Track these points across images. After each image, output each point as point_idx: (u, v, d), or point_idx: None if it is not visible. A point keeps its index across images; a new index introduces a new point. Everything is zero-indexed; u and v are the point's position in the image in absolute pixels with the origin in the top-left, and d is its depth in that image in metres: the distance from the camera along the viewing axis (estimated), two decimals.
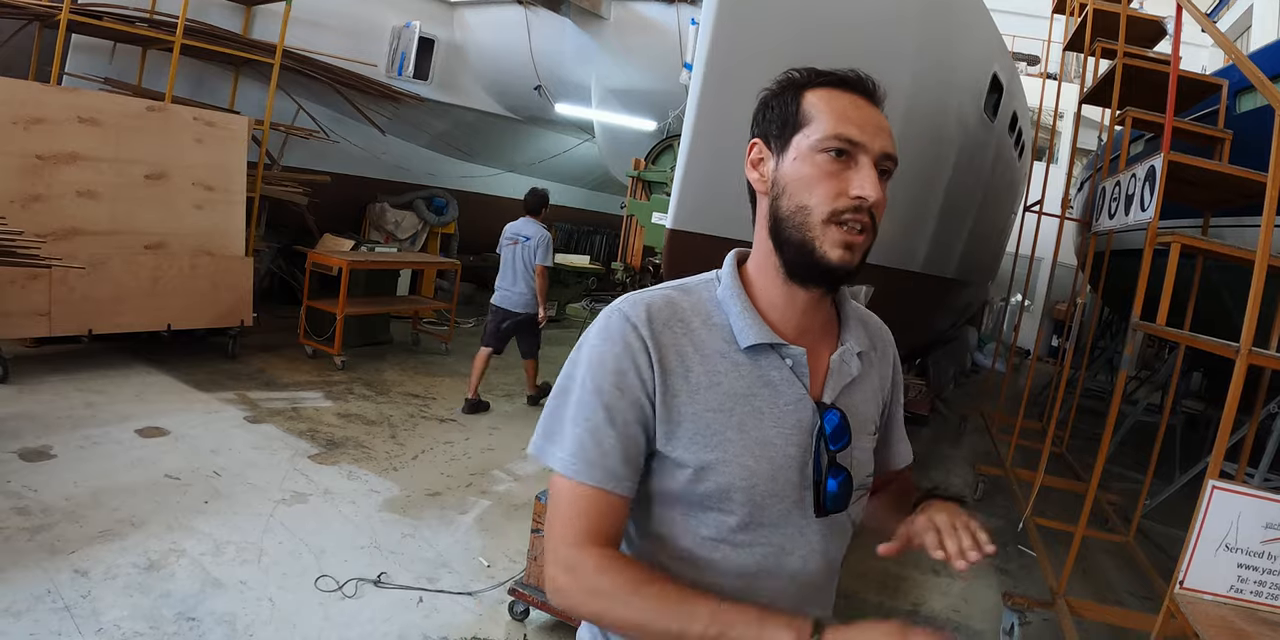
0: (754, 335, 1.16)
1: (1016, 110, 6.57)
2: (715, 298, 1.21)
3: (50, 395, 5.40)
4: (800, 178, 1.14)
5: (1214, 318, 4.80)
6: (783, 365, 1.18)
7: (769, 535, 1.17)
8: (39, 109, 5.76)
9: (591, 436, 1.11)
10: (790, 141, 1.16)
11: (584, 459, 1.11)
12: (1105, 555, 5.10)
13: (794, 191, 1.15)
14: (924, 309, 6.28)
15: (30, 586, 3.16)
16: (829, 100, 1.16)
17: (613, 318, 1.16)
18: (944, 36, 4.70)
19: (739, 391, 1.15)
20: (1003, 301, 13.50)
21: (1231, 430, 2.91)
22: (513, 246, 6.55)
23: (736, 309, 1.18)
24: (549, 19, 8.78)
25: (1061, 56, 8.44)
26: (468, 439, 5.83)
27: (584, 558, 1.07)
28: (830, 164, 1.13)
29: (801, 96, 1.18)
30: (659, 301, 1.18)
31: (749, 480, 1.14)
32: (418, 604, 3.49)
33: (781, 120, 1.18)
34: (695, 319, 1.18)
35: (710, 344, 1.17)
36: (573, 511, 1.11)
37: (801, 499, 1.19)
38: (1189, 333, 3.45)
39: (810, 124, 1.15)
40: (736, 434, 1.14)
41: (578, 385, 1.14)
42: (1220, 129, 4.79)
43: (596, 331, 1.16)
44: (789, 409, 1.17)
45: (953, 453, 7.45)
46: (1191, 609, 2.52)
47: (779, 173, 1.17)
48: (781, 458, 1.16)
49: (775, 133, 1.19)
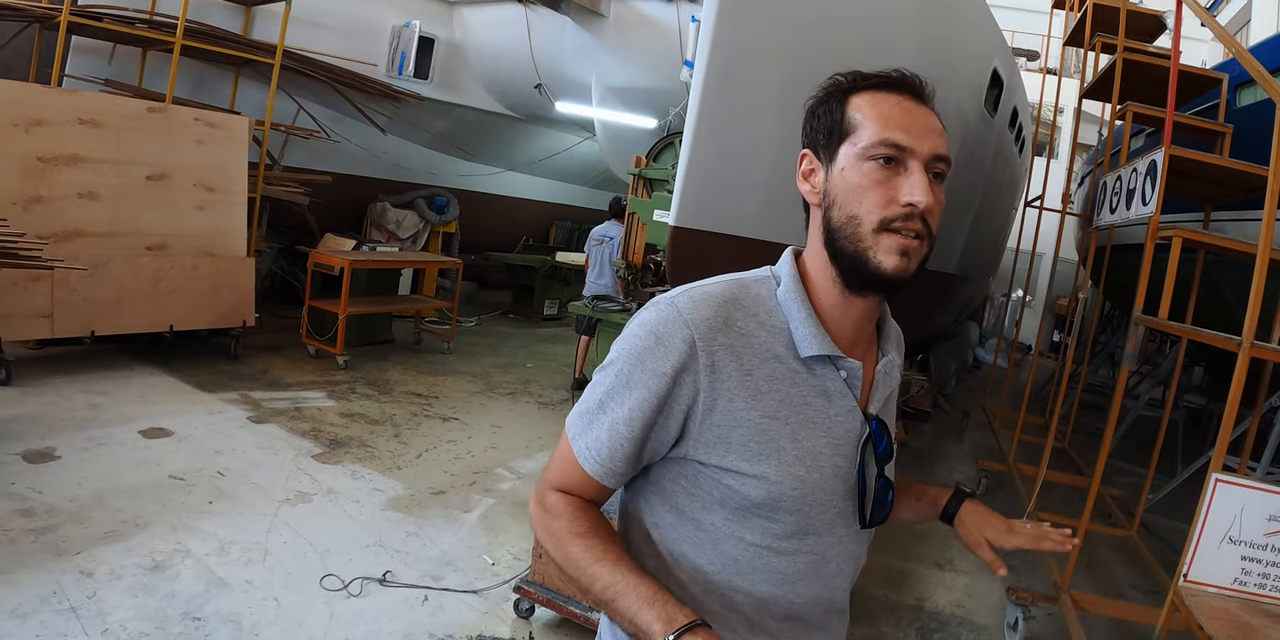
0: (816, 346, 1.13)
1: (1017, 106, 6.56)
2: (774, 297, 1.17)
3: (53, 397, 5.41)
4: (849, 188, 1.11)
5: (1216, 312, 4.81)
6: (838, 377, 1.16)
7: (813, 544, 1.18)
8: (40, 111, 5.76)
9: (610, 437, 1.12)
10: (837, 151, 1.13)
11: (596, 454, 1.14)
12: (1109, 549, 5.10)
13: (844, 202, 1.11)
14: (926, 305, 6.28)
15: (36, 588, 3.17)
16: (874, 104, 1.13)
17: (666, 314, 1.12)
18: (944, 32, 4.69)
19: (795, 400, 1.13)
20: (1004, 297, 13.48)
21: (1234, 424, 2.91)
22: (599, 246, 7.62)
23: (800, 316, 1.14)
24: (549, 17, 8.77)
25: (1062, 51, 8.42)
26: (471, 437, 5.83)
27: (547, 499, 1.18)
28: (878, 172, 1.09)
29: (846, 103, 1.15)
30: (719, 298, 1.13)
31: (799, 490, 1.13)
32: (423, 602, 3.50)
33: (827, 129, 1.15)
34: (753, 320, 1.14)
35: (769, 348, 1.13)
36: (565, 473, 1.18)
37: (845, 509, 1.19)
38: (1191, 327, 3.46)
39: (856, 131, 1.12)
40: (790, 443, 1.12)
41: (615, 373, 1.13)
42: (1221, 123, 4.80)
43: (645, 324, 1.13)
44: (840, 420, 1.16)
45: (955, 448, 7.45)
46: (1196, 602, 2.53)
47: (829, 184, 1.14)
48: (830, 468, 1.15)
49: (823, 142, 1.16)
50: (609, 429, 1.12)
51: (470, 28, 9.98)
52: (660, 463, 1.18)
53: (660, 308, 1.13)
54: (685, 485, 1.16)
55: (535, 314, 11.44)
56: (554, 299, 11.63)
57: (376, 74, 9.22)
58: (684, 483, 1.16)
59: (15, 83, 5.89)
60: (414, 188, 11.24)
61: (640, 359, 1.10)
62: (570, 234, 15.29)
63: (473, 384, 7.40)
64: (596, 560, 1.08)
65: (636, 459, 1.15)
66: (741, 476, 1.11)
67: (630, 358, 1.12)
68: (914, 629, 3.83)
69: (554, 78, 9.49)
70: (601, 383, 1.15)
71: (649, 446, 1.14)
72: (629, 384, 1.11)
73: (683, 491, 1.17)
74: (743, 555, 1.15)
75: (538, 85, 9.62)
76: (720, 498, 1.14)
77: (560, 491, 1.18)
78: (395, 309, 8.68)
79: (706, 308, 1.11)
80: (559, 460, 1.19)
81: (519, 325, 10.97)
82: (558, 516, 1.15)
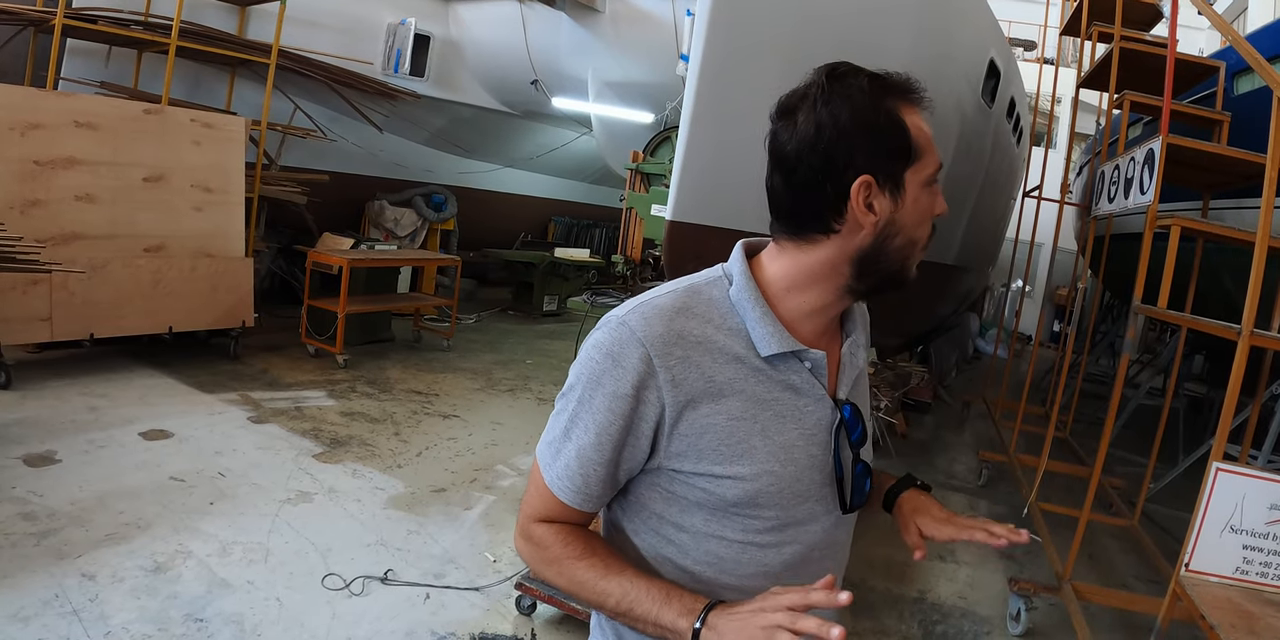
0: (775, 345, 1.10)
1: (1014, 96, 6.54)
2: (727, 298, 1.13)
3: (53, 400, 5.41)
4: (918, 216, 1.08)
5: (1215, 300, 4.80)
6: (802, 369, 1.14)
7: (796, 534, 1.18)
8: (36, 114, 5.75)
9: (580, 462, 1.11)
10: (904, 177, 1.05)
11: (569, 482, 1.13)
12: (1110, 539, 5.10)
13: (909, 231, 1.08)
14: (925, 296, 6.27)
15: (38, 591, 3.17)
16: (922, 123, 1.06)
17: (618, 333, 1.08)
18: (940, 23, 4.68)
19: (761, 397, 1.11)
20: (1004, 287, 13.48)
21: (1234, 412, 2.91)
22: None
23: (755, 315, 1.10)
24: (544, 13, 8.76)
25: (1058, 41, 8.40)
26: (471, 435, 5.84)
27: (532, 531, 1.17)
28: (931, 194, 1.08)
29: (904, 121, 1.04)
30: (670, 310, 1.10)
31: (776, 485, 1.12)
32: (425, 600, 3.50)
33: (895, 152, 1.04)
34: (709, 325, 1.10)
35: (729, 349, 1.10)
36: (543, 503, 1.17)
37: (825, 497, 1.19)
38: (1190, 315, 3.45)
39: (921, 157, 1.06)
40: (761, 440, 1.11)
41: (576, 399, 1.11)
42: (1218, 111, 4.78)
43: (600, 346, 1.09)
44: (809, 410, 1.15)
45: (956, 439, 7.45)
46: (1197, 591, 2.52)
47: (899, 214, 1.06)
48: (805, 458, 1.14)
49: (886, 167, 1.04)
50: (578, 456, 1.11)
51: (466, 25, 9.96)
52: (636, 476, 1.17)
53: (612, 327, 1.09)
54: (662, 492, 1.16)
55: (535, 310, 11.44)
56: (553, 295, 11.62)
57: (373, 72, 9.21)
58: (660, 490, 1.16)
59: (11, 86, 5.88)
60: (412, 186, 11.23)
61: (599, 381, 1.08)
62: (569, 230, 15.27)
63: (473, 381, 7.40)
64: (602, 577, 1.09)
65: (612, 481, 1.14)
66: (716, 479, 1.11)
67: (589, 381, 1.09)
68: (916, 621, 3.84)
69: (550, 73, 9.48)
70: (564, 410, 1.13)
71: (623, 467, 1.13)
72: (591, 408, 1.09)
73: (660, 498, 1.16)
74: (726, 552, 1.15)
75: (534, 81, 9.61)
76: (698, 500, 1.13)
77: (543, 522, 1.17)
78: (394, 307, 8.68)
79: (658, 322, 1.07)
80: (534, 492, 1.18)
81: (519, 322, 10.97)
82: (549, 546, 1.14)
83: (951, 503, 5.41)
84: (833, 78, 1.04)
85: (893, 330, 5.81)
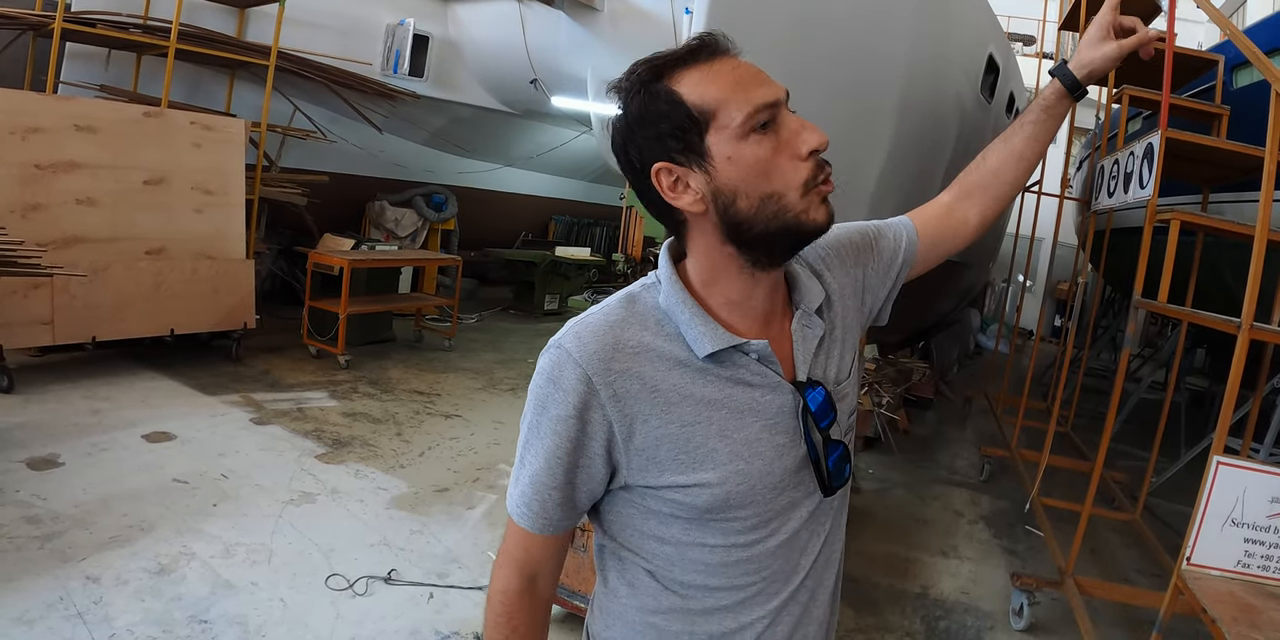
0: (710, 343, 1.07)
1: (1013, 91, 6.54)
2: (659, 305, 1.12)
3: (56, 403, 5.42)
4: (749, 171, 1.02)
5: (1216, 293, 4.79)
6: (749, 361, 1.11)
7: (779, 525, 1.15)
8: (36, 118, 5.76)
9: (533, 487, 1.12)
10: (704, 145, 1.02)
11: (526, 508, 1.14)
12: (1112, 534, 5.10)
13: (748, 189, 1.03)
14: (926, 292, 6.27)
15: (42, 594, 3.18)
16: (711, 79, 1.02)
17: (557, 357, 1.08)
18: (939, 19, 4.68)
19: (711, 398, 1.09)
20: (1004, 283, 13.46)
21: (1235, 406, 2.91)
22: None
23: (685, 316, 1.08)
24: (542, 12, 8.75)
25: (1057, 36, 8.39)
26: (473, 434, 5.84)
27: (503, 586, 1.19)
28: (765, 140, 1.01)
29: (675, 92, 1.02)
30: (603, 326, 1.09)
31: (745, 483, 1.09)
32: (429, 600, 3.51)
33: (676, 128, 1.02)
34: (647, 333, 1.09)
35: (670, 355, 1.08)
36: (512, 543, 1.19)
37: (802, 482, 1.16)
38: (1191, 309, 3.45)
39: (716, 114, 1.01)
40: (720, 441, 1.08)
41: (528, 425, 1.13)
42: (1217, 105, 4.78)
43: (542, 372, 1.10)
44: (768, 400, 1.12)
45: (958, 435, 7.45)
46: (1199, 585, 2.53)
47: (717, 181, 1.03)
48: (772, 450, 1.11)
49: (676, 146, 1.03)
50: (530, 482, 1.12)
51: (464, 24, 9.95)
52: (605, 497, 1.17)
53: (551, 352, 1.10)
54: (639, 509, 1.15)
55: (536, 309, 11.43)
56: (554, 294, 11.62)
57: (372, 73, 9.20)
58: (637, 507, 1.15)
59: (11, 91, 5.89)
60: (412, 186, 11.23)
61: (544, 406, 1.09)
62: (569, 229, 15.25)
63: (474, 380, 7.41)
64: None
65: (570, 504, 1.14)
66: (684, 489, 1.09)
67: (535, 407, 1.11)
68: (919, 617, 3.84)
69: (549, 72, 9.47)
70: (521, 437, 1.15)
71: (580, 489, 1.13)
72: (539, 433, 1.10)
73: (638, 514, 1.15)
74: (711, 558, 1.14)
75: (533, 80, 9.60)
76: (672, 513, 1.12)
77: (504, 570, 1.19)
78: (396, 307, 8.69)
79: (592, 341, 1.07)
80: (506, 542, 1.21)
81: (520, 321, 10.97)
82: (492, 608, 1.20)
83: (954, 499, 5.43)
84: (621, 86, 1.06)
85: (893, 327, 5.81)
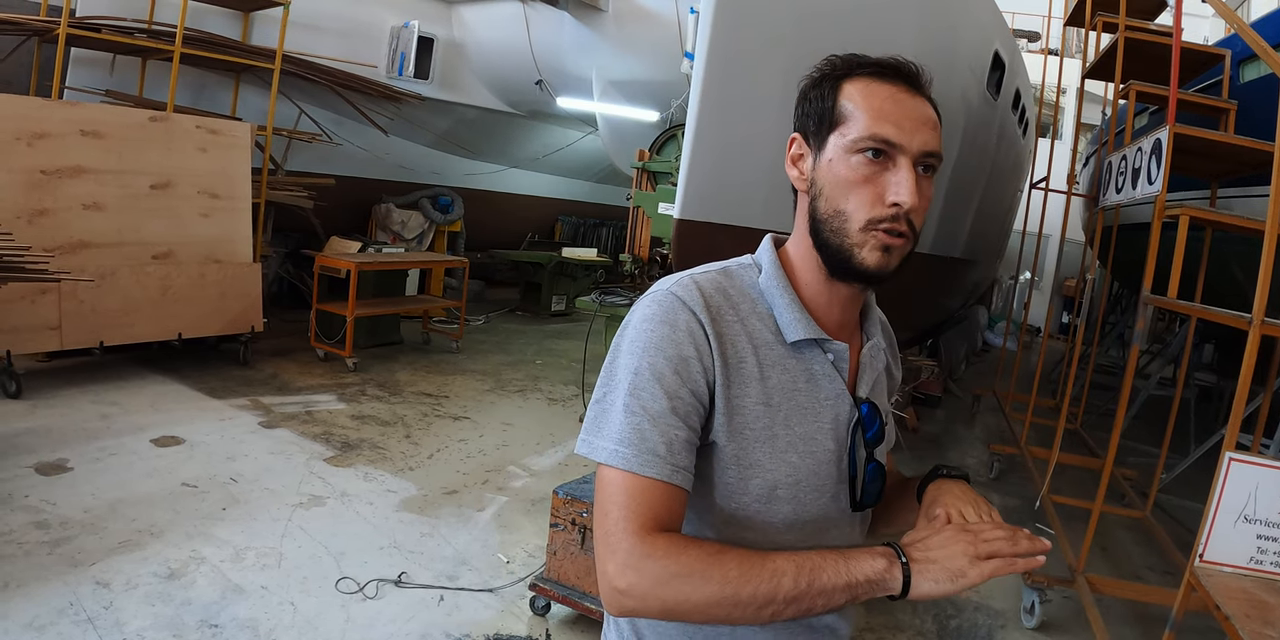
0: (802, 330, 1.12)
1: (1019, 87, 6.52)
2: (756, 285, 1.17)
3: (64, 408, 5.44)
4: (837, 181, 1.09)
5: (1225, 289, 4.77)
6: (825, 360, 1.16)
7: (809, 532, 1.16)
8: (41, 124, 5.77)
9: (654, 425, 1.03)
10: (827, 140, 1.10)
11: (644, 450, 1.02)
12: (1123, 531, 5.08)
13: (830, 195, 1.10)
14: (933, 289, 6.26)
15: (52, 600, 3.19)
16: (867, 94, 1.09)
17: (666, 301, 1.09)
18: (944, 16, 4.67)
19: (785, 386, 1.12)
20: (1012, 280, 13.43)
21: (1246, 402, 2.89)
22: None
23: (784, 301, 1.14)
24: (547, 13, 8.77)
25: (1063, 32, 8.38)
26: (482, 436, 5.84)
27: (652, 545, 0.98)
28: (866, 166, 1.07)
29: (839, 89, 1.11)
30: (710, 285, 1.13)
31: (794, 477, 1.12)
32: (439, 602, 3.51)
33: (818, 116, 1.12)
34: (743, 306, 1.14)
35: (759, 334, 1.13)
36: (632, 504, 1.01)
37: (838, 493, 1.18)
38: (1200, 305, 3.42)
39: (846, 122, 1.09)
40: (784, 430, 1.11)
41: (630, 373, 1.05)
42: (1224, 99, 4.76)
43: (649, 315, 1.08)
44: (828, 404, 1.16)
45: (966, 433, 7.43)
46: (1212, 582, 2.51)
47: (816, 172, 1.11)
48: (822, 453, 1.15)
49: (813, 129, 1.13)
50: (652, 423, 1.03)
51: (469, 26, 9.97)
52: None
53: (660, 297, 1.10)
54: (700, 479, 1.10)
55: (543, 310, 11.44)
56: (561, 295, 11.63)
57: (377, 75, 9.22)
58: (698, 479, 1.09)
59: (16, 97, 5.91)
60: (418, 188, 11.24)
61: (660, 348, 1.05)
62: (576, 229, 15.25)
63: (482, 382, 7.41)
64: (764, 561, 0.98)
65: (692, 447, 1.07)
66: (741, 467, 1.10)
67: (649, 349, 1.06)
68: (931, 616, 3.83)
69: (554, 73, 9.48)
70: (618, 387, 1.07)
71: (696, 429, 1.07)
72: (657, 375, 1.04)
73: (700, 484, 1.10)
74: None
75: (538, 81, 9.62)
76: (724, 492, 1.11)
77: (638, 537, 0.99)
78: (403, 310, 8.69)
79: (700, 295, 1.10)
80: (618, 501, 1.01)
81: (527, 322, 10.98)
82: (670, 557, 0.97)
83: None
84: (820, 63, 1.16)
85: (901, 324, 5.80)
